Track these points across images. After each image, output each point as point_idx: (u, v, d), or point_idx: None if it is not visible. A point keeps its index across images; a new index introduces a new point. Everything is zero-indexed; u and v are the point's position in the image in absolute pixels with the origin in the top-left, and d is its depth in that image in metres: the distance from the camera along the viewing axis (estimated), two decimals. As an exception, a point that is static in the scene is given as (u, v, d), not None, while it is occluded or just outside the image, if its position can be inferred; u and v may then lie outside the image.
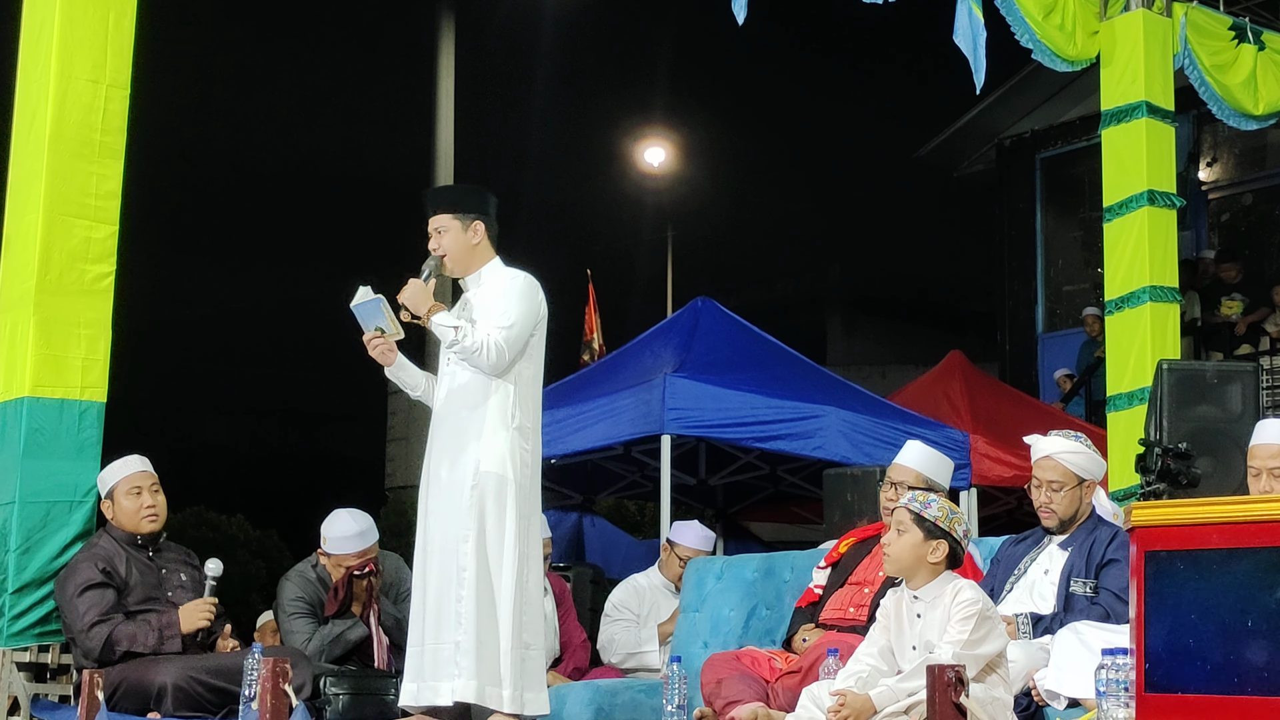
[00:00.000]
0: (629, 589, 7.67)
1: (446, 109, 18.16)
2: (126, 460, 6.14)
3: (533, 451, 5.29)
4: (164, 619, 5.84)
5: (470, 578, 5.09)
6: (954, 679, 3.97)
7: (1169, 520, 3.73)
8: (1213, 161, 14.72)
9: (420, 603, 5.24)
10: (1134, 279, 8.44)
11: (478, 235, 5.41)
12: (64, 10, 6.32)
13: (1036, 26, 8.34)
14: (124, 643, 5.74)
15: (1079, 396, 13.07)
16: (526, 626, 5.14)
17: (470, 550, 5.11)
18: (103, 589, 5.82)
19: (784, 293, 28.67)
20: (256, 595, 16.12)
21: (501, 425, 5.21)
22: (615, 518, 14.07)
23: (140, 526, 6.03)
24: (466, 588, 5.08)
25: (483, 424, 5.21)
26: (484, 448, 5.18)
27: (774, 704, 5.15)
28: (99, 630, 5.73)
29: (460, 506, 5.16)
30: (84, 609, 5.77)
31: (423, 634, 5.18)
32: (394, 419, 18.64)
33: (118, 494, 6.05)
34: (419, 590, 5.27)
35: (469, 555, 5.11)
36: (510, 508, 5.16)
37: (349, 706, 5.72)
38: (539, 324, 5.34)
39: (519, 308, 5.24)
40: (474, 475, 5.16)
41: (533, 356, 5.33)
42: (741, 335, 9.73)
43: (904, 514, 4.67)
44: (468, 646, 5.04)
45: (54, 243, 6.22)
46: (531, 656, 5.17)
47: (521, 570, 5.15)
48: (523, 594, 5.15)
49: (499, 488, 5.16)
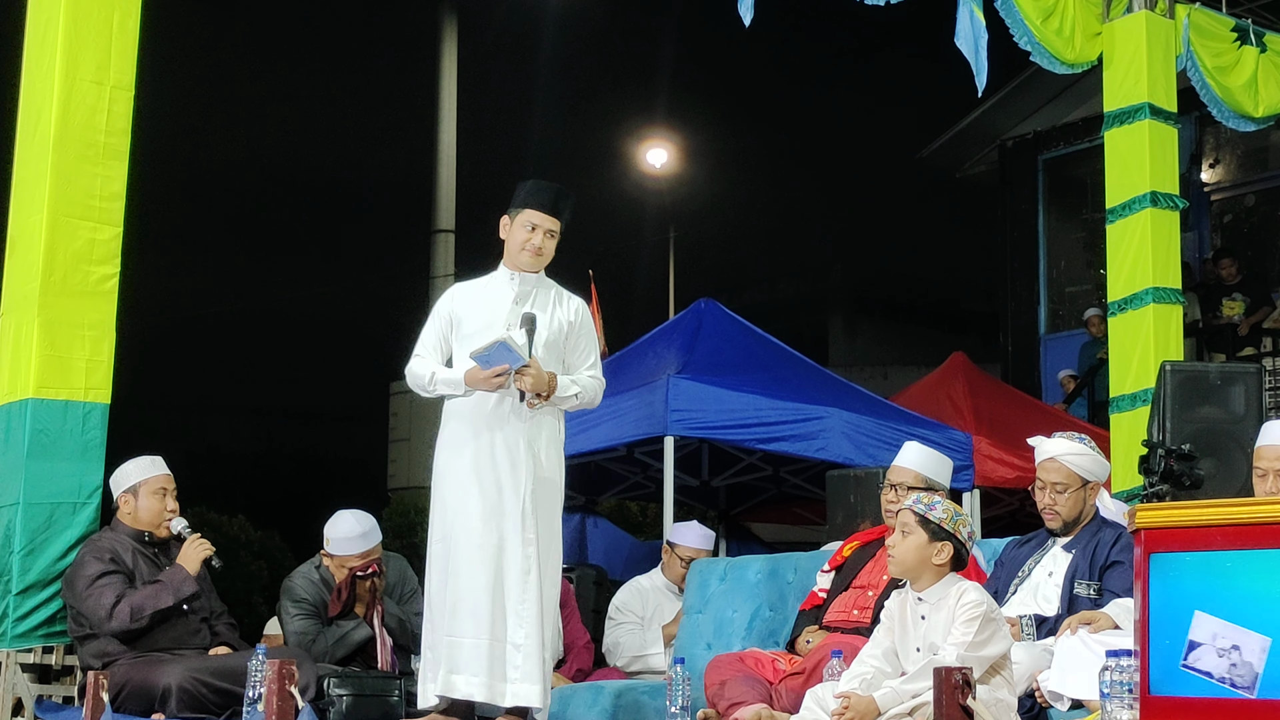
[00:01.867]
0: (632, 591, 7.68)
1: (449, 110, 18.17)
2: (153, 460, 6.17)
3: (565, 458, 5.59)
4: (167, 574, 5.93)
5: (534, 580, 5.21)
6: (961, 681, 3.97)
7: (1172, 522, 3.73)
8: (1215, 163, 14.72)
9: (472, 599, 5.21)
10: (1137, 280, 8.45)
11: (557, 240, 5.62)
12: (68, 12, 6.33)
13: (1035, 30, 8.35)
14: (147, 605, 5.82)
15: (1081, 398, 13.07)
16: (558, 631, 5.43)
17: (534, 554, 5.24)
18: (114, 575, 5.87)
19: (786, 294, 28.64)
20: (259, 596, 16.11)
21: (558, 433, 5.45)
22: (618, 519, 14.06)
23: (160, 528, 6.08)
24: (530, 590, 5.20)
25: (541, 431, 5.37)
26: (544, 453, 5.35)
27: (777, 705, 5.15)
28: (121, 608, 5.79)
29: (520, 511, 5.26)
30: (101, 596, 5.81)
31: (486, 630, 5.18)
32: (396, 419, 18.61)
33: (142, 491, 6.07)
34: (461, 587, 5.24)
35: (532, 560, 5.23)
36: (559, 513, 5.40)
37: (353, 708, 5.72)
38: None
39: (594, 345, 5.58)
40: (532, 481, 5.29)
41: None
42: (744, 336, 9.73)
43: (909, 516, 4.66)
44: (531, 650, 5.15)
45: (58, 244, 6.24)
46: (548, 659, 5.35)
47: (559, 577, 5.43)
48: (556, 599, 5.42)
49: (554, 494, 5.37)
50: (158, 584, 5.90)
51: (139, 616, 5.79)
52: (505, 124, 30.70)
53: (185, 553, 6.01)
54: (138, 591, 5.86)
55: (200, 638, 6.01)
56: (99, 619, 5.80)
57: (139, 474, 6.10)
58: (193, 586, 5.93)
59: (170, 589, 5.88)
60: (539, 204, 5.49)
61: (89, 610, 5.83)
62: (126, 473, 6.12)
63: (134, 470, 6.12)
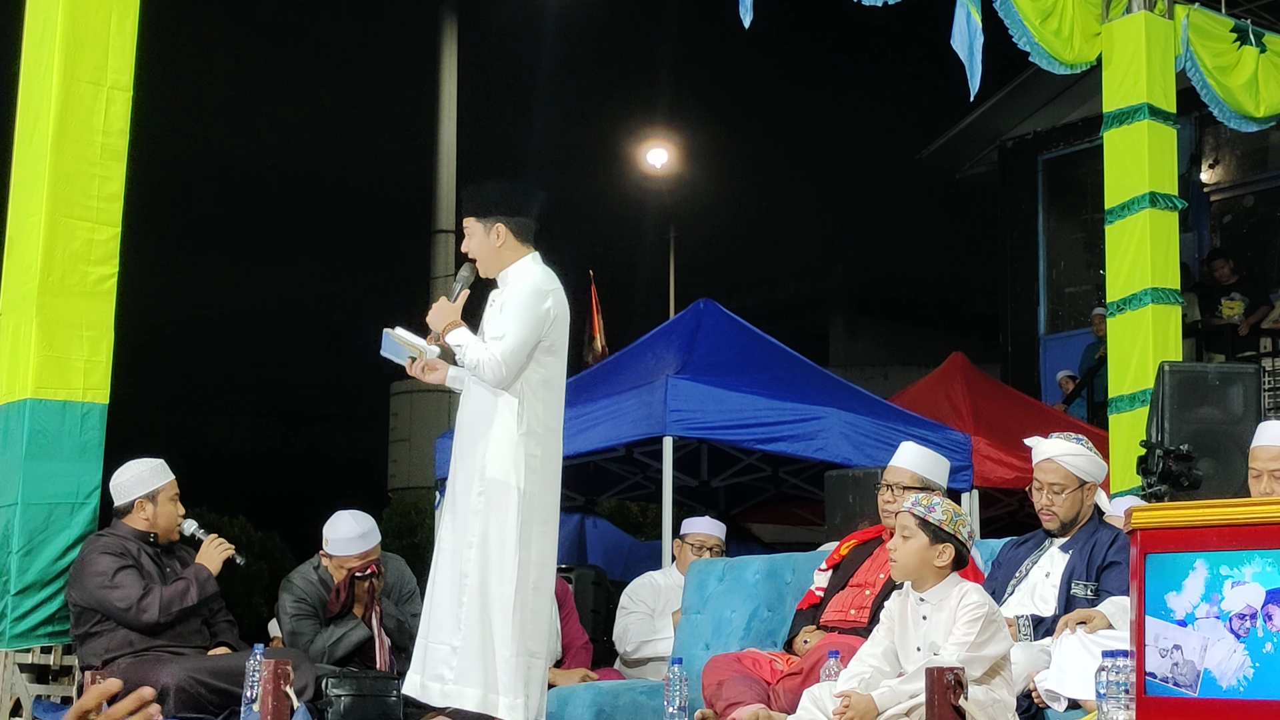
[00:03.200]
0: (645, 583, 7.72)
1: (449, 110, 18.19)
2: (161, 464, 6.20)
3: (543, 457, 5.28)
4: (190, 571, 5.98)
5: (472, 584, 5.12)
6: (953, 681, 3.98)
7: (1170, 522, 3.74)
8: (1215, 163, 14.72)
9: (429, 600, 5.30)
10: (1136, 281, 8.45)
11: (499, 237, 5.38)
12: (67, 12, 6.33)
13: (1034, 30, 8.36)
14: (176, 602, 5.87)
15: (1080, 398, 13.07)
16: (532, 635, 5.16)
17: (474, 557, 5.15)
18: (130, 569, 5.88)
19: (786, 294, 28.61)
20: (259, 597, 16.09)
21: (508, 431, 5.22)
22: (617, 519, 14.05)
23: (174, 532, 6.11)
24: (469, 594, 5.12)
25: (489, 430, 5.23)
26: (490, 454, 5.21)
27: (775, 705, 5.16)
28: (149, 599, 5.81)
29: (467, 512, 5.19)
30: (127, 588, 5.83)
31: (427, 630, 5.24)
32: (396, 420, 18.60)
33: (161, 497, 6.11)
34: (429, 588, 5.33)
35: (472, 562, 5.15)
36: (512, 515, 5.16)
37: (350, 708, 5.73)
38: (551, 328, 5.31)
39: (517, 320, 5.22)
40: (480, 482, 5.19)
41: (543, 361, 5.31)
42: (743, 337, 9.73)
43: (909, 519, 4.66)
44: (468, 653, 5.07)
45: (56, 244, 6.24)
46: (536, 665, 5.18)
47: (523, 578, 5.15)
48: (524, 601, 5.15)
49: (503, 495, 5.18)
50: (183, 581, 5.93)
51: (168, 612, 5.82)
52: (505, 124, 30.69)
53: (207, 553, 6.04)
54: (166, 586, 5.89)
55: (200, 637, 6.02)
56: (124, 609, 5.80)
57: (155, 480, 6.12)
58: (214, 586, 6.00)
59: (196, 587, 5.92)
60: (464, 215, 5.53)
61: (113, 601, 5.82)
62: (141, 477, 6.12)
63: (149, 475, 6.13)
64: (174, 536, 6.16)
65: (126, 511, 6.08)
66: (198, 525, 6.17)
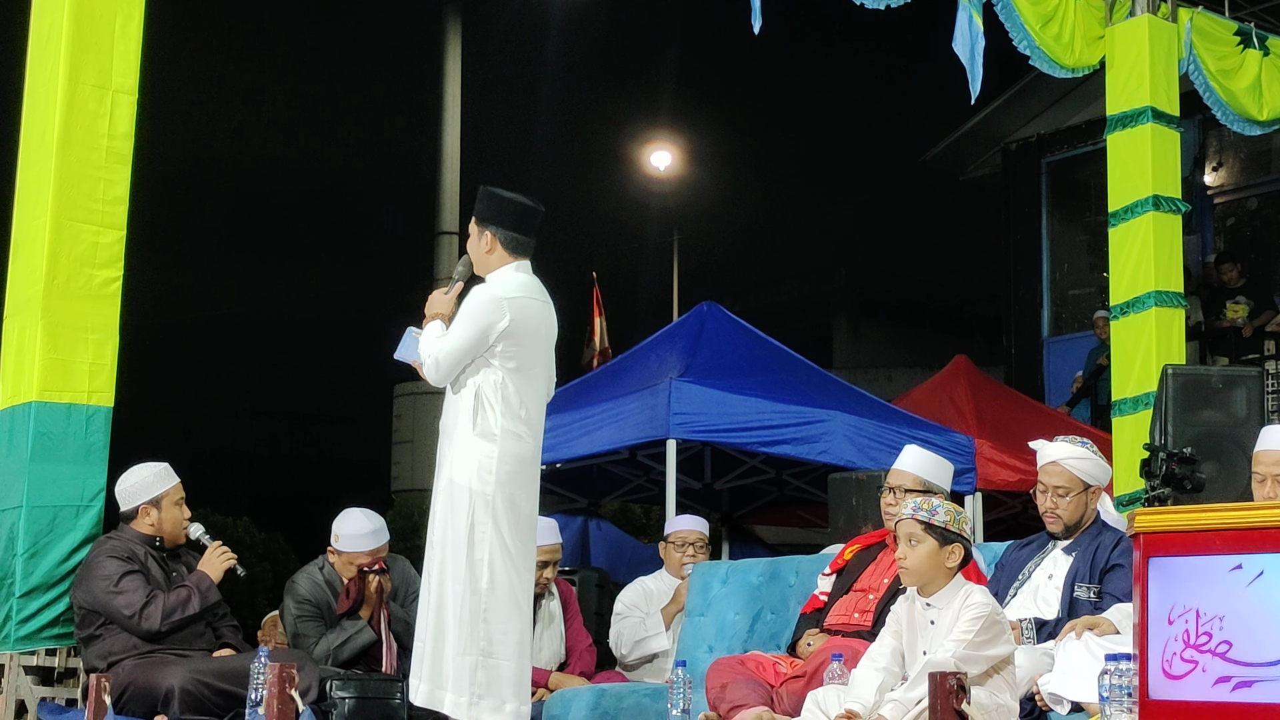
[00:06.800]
0: (638, 589, 7.70)
1: (453, 113, 18.19)
2: (166, 468, 6.20)
3: (499, 458, 5.29)
4: (192, 579, 6.00)
5: (433, 584, 5.27)
6: (956, 685, 3.98)
7: (1173, 526, 3.74)
8: (1218, 166, 14.71)
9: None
10: (1139, 284, 8.46)
11: (488, 244, 5.51)
12: (72, 16, 6.35)
13: (1035, 34, 8.37)
14: (178, 610, 5.88)
15: (1084, 401, 13.07)
16: (487, 635, 5.19)
17: (435, 557, 5.29)
18: (136, 574, 5.89)
19: (790, 296, 28.60)
20: (263, 598, 16.10)
21: (464, 435, 5.33)
22: (621, 521, 14.06)
23: (179, 536, 6.12)
24: (431, 594, 5.28)
25: (454, 434, 5.35)
26: (453, 457, 5.32)
27: (778, 708, 5.16)
28: (152, 608, 5.82)
29: (433, 514, 5.35)
30: (130, 594, 5.84)
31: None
32: (399, 421, 18.59)
33: (166, 502, 6.11)
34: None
35: (434, 562, 5.30)
36: (463, 515, 5.25)
37: (355, 710, 5.74)
38: (502, 337, 5.33)
39: (462, 325, 5.34)
40: (444, 484, 5.33)
41: (503, 367, 5.34)
42: (747, 340, 9.74)
43: (913, 525, 4.63)
44: (422, 652, 5.24)
45: (62, 248, 6.25)
46: (491, 666, 5.20)
47: (473, 578, 5.21)
48: (477, 601, 5.20)
49: (458, 496, 5.28)
50: (185, 589, 5.94)
51: (169, 621, 5.83)
52: (509, 126, 30.71)
53: (209, 561, 6.04)
54: (169, 594, 5.90)
55: (204, 640, 6.03)
56: (127, 616, 5.81)
57: (160, 484, 6.12)
58: (217, 595, 6.00)
59: (199, 596, 5.93)
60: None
61: (117, 607, 5.83)
62: (145, 483, 6.13)
63: (153, 481, 6.13)
64: (180, 540, 6.16)
65: (132, 517, 6.09)
66: (204, 530, 6.18)
